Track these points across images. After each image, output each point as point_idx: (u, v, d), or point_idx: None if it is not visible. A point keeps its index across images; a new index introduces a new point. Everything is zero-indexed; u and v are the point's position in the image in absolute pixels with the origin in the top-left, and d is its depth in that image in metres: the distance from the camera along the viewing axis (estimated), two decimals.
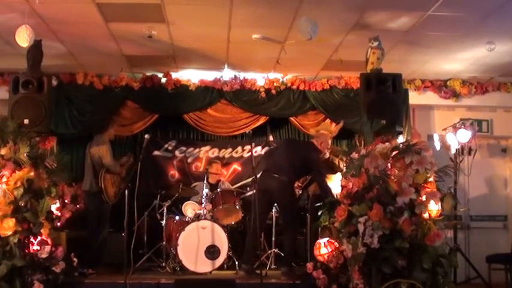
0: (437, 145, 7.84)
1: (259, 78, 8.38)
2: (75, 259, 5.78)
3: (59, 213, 6.71)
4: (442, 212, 5.27)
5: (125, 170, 7.26)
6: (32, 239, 5.41)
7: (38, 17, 6.01)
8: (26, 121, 6.21)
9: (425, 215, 5.12)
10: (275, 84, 8.35)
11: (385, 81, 6.71)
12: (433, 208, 5.18)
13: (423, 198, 5.12)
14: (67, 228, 6.93)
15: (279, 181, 6.48)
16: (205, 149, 8.67)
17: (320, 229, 6.05)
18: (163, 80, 8.31)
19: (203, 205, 6.97)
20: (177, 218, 7.23)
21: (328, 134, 7.16)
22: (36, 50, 6.47)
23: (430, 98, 8.55)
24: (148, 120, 8.40)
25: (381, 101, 6.64)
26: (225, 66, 8.02)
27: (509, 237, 8.48)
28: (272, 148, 7.98)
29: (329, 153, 7.01)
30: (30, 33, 5.74)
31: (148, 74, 8.27)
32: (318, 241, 5.71)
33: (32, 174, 5.43)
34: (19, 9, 5.75)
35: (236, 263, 6.85)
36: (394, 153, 5.29)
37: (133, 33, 6.58)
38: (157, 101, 8.26)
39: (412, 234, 4.99)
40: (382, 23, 6.29)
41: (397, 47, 6.99)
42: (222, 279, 6.33)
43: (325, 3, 5.75)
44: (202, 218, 6.82)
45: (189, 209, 7.30)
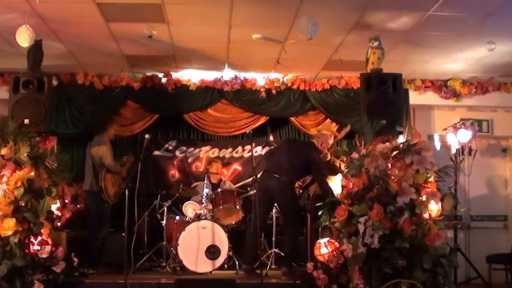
0: (438, 145, 7.84)
1: (260, 78, 8.38)
2: (76, 259, 5.79)
3: (59, 213, 6.73)
4: (443, 212, 5.27)
5: (125, 170, 7.25)
6: (33, 239, 5.42)
7: (38, 17, 6.01)
8: (26, 121, 6.20)
9: (426, 215, 5.12)
10: (275, 84, 8.35)
11: (386, 81, 6.70)
12: (434, 208, 5.18)
13: (423, 198, 5.12)
14: (67, 228, 6.94)
15: (280, 181, 6.48)
16: (205, 149, 8.67)
17: (320, 229, 6.06)
18: (163, 80, 8.31)
19: (203, 205, 6.97)
20: (177, 218, 7.23)
21: (328, 134, 7.16)
22: (36, 50, 6.47)
23: (430, 98, 8.55)
24: (149, 120, 8.40)
25: (381, 101, 6.63)
26: (226, 66, 8.01)
27: (509, 237, 8.48)
28: (272, 148, 7.97)
29: (330, 154, 6.99)
30: (30, 33, 5.74)
31: (148, 74, 8.27)
32: (318, 241, 5.72)
33: (33, 174, 5.43)
34: (19, 9, 5.75)
35: (236, 263, 6.84)
36: (395, 153, 5.29)
37: (134, 33, 6.58)
38: (158, 101, 8.26)
39: (412, 234, 4.99)
40: (382, 23, 6.30)
41: (398, 47, 6.99)
42: (222, 279, 6.33)
43: (326, 3, 5.75)
44: (203, 218, 6.83)
45: (190, 209, 7.30)
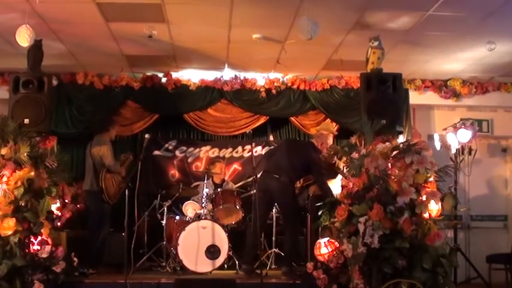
0: (438, 145, 7.84)
1: (260, 78, 8.37)
2: (76, 259, 5.79)
3: (59, 213, 6.72)
4: (442, 212, 5.27)
5: (125, 170, 7.25)
6: (33, 239, 5.41)
7: (38, 16, 6.01)
8: (26, 121, 6.20)
9: (426, 215, 5.12)
10: (275, 84, 8.35)
11: (386, 81, 6.70)
12: (434, 208, 5.18)
13: (423, 198, 5.12)
14: (67, 228, 6.95)
15: (280, 182, 6.48)
16: (205, 148, 8.67)
17: (320, 229, 6.05)
18: (163, 80, 8.31)
19: (203, 205, 6.97)
20: (177, 217, 7.23)
21: (328, 134, 7.17)
22: (36, 49, 6.46)
23: (430, 97, 8.55)
24: (149, 120, 8.40)
25: (381, 101, 6.63)
26: (226, 66, 8.01)
27: (509, 237, 8.48)
28: (272, 148, 7.98)
29: (331, 154, 6.98)
30: (30, 33, 5.74)
31: (148, 73, 8.27)
32: (318, 241, 5.71)
33: (32, 174, 5.43)
34: (19, 9, 5.75)
35: (236, 262, 6.84)
36: (395, 153, 5.29)
37: (134, 33, 6.58)
38: (158, 100, 8.26)
39: (412, 234, 4.99)
40: (382, 23, 6.29)
41: (398, 47, 6.99)
42: (222, 279, 6.32)
43: (326, 3, 5.75)
44: (203, 217, 6.83)
45: (190, 208, 7.30)
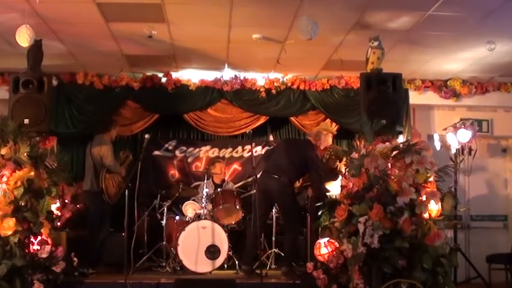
0: (438, 145, 7.84)
1: (260, 78, 8.37)
2: (76, 259, 5.79)
3: (59, 213, 6.73)
4: (442, 212, 5.27)
5: (125, 170, 7.25)
6: (32, 239, 5.41)
7: (38, 16, 6.01)
8: (26, 121, 6.19)
9: (426, 215, 5.13)
10: (275, 84, 8.34)
11: (385, 81, 6.69)
12: (433, 208, 5.18)
13: (423, 198, 5.13)
14: (67, 228, 6.95)
15: (279, 182, 6.49)
16: (205, 148, 8.66)
17: (320, 229, 6.04)
18: (163, 80, 8.31)
19: (203, 205, 6.97)
20: (177, 217, 7.24)
21: (328, 134, 7.18)
22: (36, 49, 6.46)
23: (430, 98, 8.54)
24: (149, 120, 8.39)
25: (381, 101, 6.62)
26: (225, 66, 8.01)
27: (509, 237, 8.48)
28: (270, 148, 7.97)
29: (333, 158, 6.99)
30: (30, 33, 5.73)
31: (148, 73, 8.26)
32: (318, 241, 5.71)
33: (32, 174, 5.43)
34: (19, 9, 5.75)
35: (236, 262, 6.84)
36: (394, 153, 5.29)
37: (134, 33, 6.58)
38: (158, 100, 8.26)
39: (412, 234, 5.00)
40: (382, 23, 6.29)
41: (397, 47, 6.98)
42: (222, 279, 6.33)
43: (326, 3, 5.74)
44: (203, 217, 6.83)
45: (190, 208, 7.31)
